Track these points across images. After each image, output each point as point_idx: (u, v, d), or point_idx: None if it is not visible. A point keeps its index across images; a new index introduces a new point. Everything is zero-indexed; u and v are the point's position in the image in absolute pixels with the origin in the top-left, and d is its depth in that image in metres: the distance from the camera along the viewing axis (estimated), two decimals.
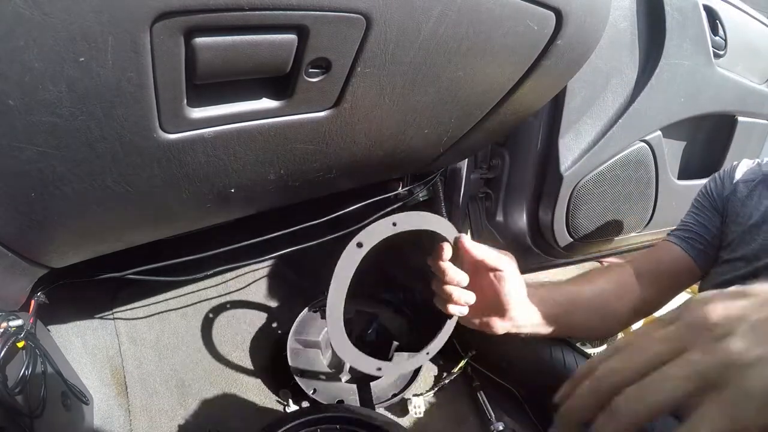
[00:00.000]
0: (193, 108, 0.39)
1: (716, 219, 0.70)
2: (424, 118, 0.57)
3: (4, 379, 0.50)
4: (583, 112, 0.89)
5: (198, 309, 0.97)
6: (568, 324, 0.67)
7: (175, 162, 0.42)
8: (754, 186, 0.67)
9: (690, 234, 0.71)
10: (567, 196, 0.94)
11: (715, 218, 0.70)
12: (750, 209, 0.65)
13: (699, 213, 0.73)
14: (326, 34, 0.38)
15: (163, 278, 0.73)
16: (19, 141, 0.32)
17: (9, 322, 0.52)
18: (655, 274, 0.71)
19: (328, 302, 0.50)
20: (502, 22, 0.46)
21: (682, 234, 0.72)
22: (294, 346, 0.78)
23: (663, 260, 0.72)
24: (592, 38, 0.57)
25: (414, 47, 0.43)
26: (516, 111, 0.65)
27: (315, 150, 0.53)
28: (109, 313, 0.91)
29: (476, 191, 1.03)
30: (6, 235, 0.42)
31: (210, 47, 0.34)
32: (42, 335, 0.66)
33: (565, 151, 0.91)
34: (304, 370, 0.76)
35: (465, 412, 0.83)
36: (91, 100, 0.32)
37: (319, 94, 0.44)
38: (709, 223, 0.70)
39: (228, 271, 1.05)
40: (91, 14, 0.28)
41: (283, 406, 0.78)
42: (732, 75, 1.04)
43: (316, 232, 0.81)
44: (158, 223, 0.56)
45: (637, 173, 1.01)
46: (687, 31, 0.91)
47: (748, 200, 0.66)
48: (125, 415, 0.74)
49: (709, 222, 0.71)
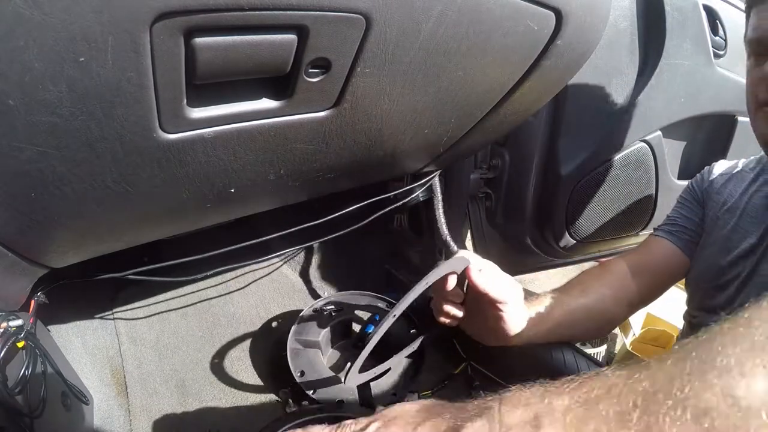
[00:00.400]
0: (193, 108, 0.39)
1: (699, 210, 0.75)
2: (424, 118, 0.57)
3: (4, 379, 0.50)
4: (583, 112, 0.90)
5: (198, 309, 0.97)
6: (568, 336, 0.72)
7: (175, 162, 0.42)
8: (729, 177, 0.73)
9: (676, 227, 0.75)
10: (567, 196, 0.94)
11: (698, 209, 0.75)
12: (724, 196, 0.71)
13: (683, 207, 0.77)
14: (326, 34, 0.38)
15: (163, 278, 0.73)
16: (19, 141, 0.32)
17: (9, 322, 0.52)
18: (648, 268, 0.73)
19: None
20: (502, 22, 0.46)
21: (668, 228, 0.76)
22: (294, 346, 0.78)
23: (654, 254, 0.74)
24: (592, 38, 0.57)
25: (414, 47, 0.43)
26: (516, 111, 0.65)
27: (315, 150, 0.53)
28: (109, 313, 0.90)
29: (476, 191, 1.03)
30: (6, 235, 0.42)
31: (210, 47, 0.34)
32: (42, 335, 0.66)
33: (565, 151, 0.91)
34: (304, 370, 0.75)
35: None
36: (91, 100, 0.32)
37: (319, 94, 0.44)
38: (693, 215, 0.75)
39: (228, 271, 1.05)
40: (91, 14, 0.28)
41: (283, 406, 0.78)
42: (732, 75, 1.04)
43: (316, 232, 0.81)
44: (158, 223, 0.56)
45: (637, 173, 1.01)
46: (687, 31, 0.91)
47: (723, 188, 0.72)
48: (125, 415, 0.74)
49: (693, 213, 0.75)
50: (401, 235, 1.10)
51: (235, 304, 1.00)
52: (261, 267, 1.10)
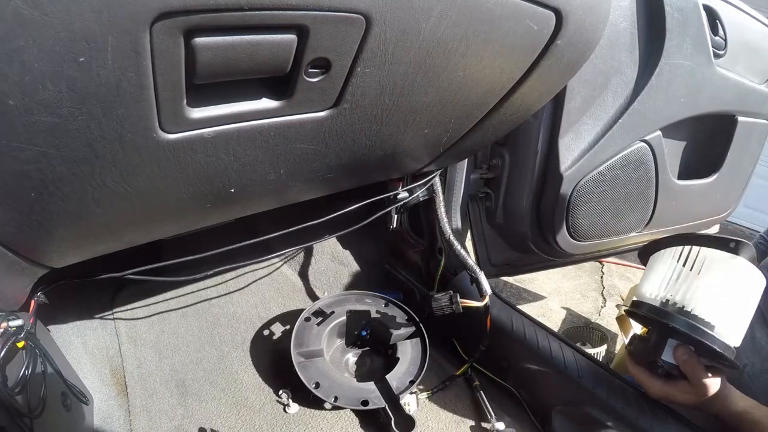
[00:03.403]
0: (193, 108, 0.39)
1: None
2: (424, 118, 0.57)
3: (4, 379, 0.50)
4: (583, 112, 0.89)
5: (198, 309, 0.97)
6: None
7: (175, 162, 0.42)
8: None
9: None
10: (567, 196, 0.94)
11: None
12: None
13: None
14: (326, 34, 0.38)
15: (163, 278, 0.73)
16: (19, 141, 0.32)
17: (9, 322, 0.52)
18: None
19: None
20: (502, 22, 0.46)
21: None
22: (299, 360, 0.79)
23: None
24: (592, 38, 0.57)
25: (414, 47, 0.43)
26: (516, 111, 0.65)
27: (315, 150, 0.53)
28: (109, 313, 0.91)
29: (476, 191, 1.03)
30: (6, 234, 0.42)
31: (210, 47, 0.34)
32: (42, 335, 0.66)
33: (565, 151, 0.91)
34: (318, 381, 0.76)
35: (465, 412, 0.82)
36: (91, 99, 0.32)
37: (319, 94, 0.44)
38: None
39: (228, 271, 1.05)
40: (91, 14, 0.28)
41: (283, 406, 0.78)
42: (732, 75, 1.04)
43: (316, 232, 0.81)
44: (158, 223, 0.56)
45: (637, 173, 1.01)
46: (687, 31, 0.91)
47: None
48: (125, 415, 0.74)
49: None
50: (401, 235, 1.10)
51: (235, 304, 1.00)
52: (261, 267, 1.10)
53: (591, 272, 2.49)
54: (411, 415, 0.73)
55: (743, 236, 0.85)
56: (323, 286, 1.11)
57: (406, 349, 0.86)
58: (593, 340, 1.85)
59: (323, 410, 0.78)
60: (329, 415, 0.77)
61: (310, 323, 0.86)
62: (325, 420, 0.76)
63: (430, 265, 1.03)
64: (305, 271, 1.13)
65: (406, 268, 1.11)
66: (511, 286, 2.21)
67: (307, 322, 0.86)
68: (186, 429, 0.73)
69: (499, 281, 2.19)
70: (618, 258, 2.58)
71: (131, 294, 0.94)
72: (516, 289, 2.20)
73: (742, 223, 3.73)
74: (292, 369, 0.77)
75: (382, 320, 0.89)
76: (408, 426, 0.72)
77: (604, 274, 2.50)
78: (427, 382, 0.87)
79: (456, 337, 0.96)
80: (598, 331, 1.89)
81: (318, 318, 0.87)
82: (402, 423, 0.72)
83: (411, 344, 0.86)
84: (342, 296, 0.95)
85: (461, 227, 1.00)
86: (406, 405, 0.76)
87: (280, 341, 0.93)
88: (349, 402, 0.74)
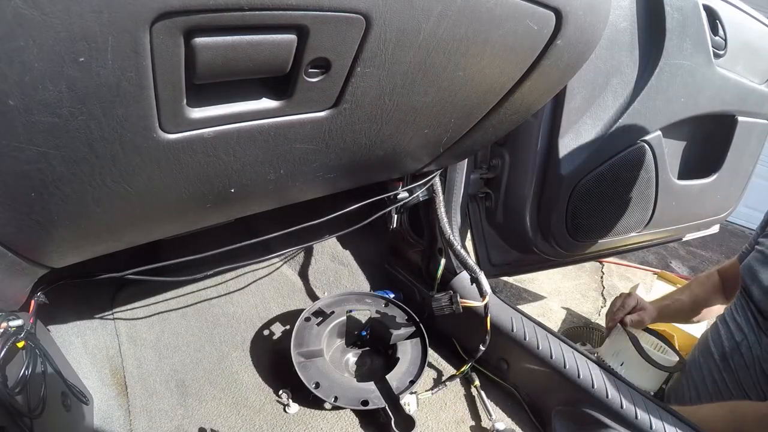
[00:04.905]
0: (192, 108, 0.39)
1: None
2: (424, 118, 0.57)
3: (4, 379, 0.49)
4: (583, 112, 0.89)
5: (198, 309, 0.97)
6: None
7: (175, 162, 0.42)
8: None
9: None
10: (567, 196, 0.94)
11: None
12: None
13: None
14: (326, 34, 0.38)
15: (163, 278, 0.73)
16: (19, 141, 0.32)
17: (9, 322, 0.52)
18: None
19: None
20: (502, 22, 0.46)
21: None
22: (299, 361, 0.79)
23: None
24: (592, 38, 0.57)
25: (414, 47, 0.43)
26: (516, 111, 0.65)
27: (315, 150, 0.52)
28: (109, 313, 0.91)
29: (476, 191, 1.03)
30: (6, 235, 0.42)
31: (210, 47, 0.34)
32: (42, 335, 0.66)
33: (565, 151, 0.91)
34: (318, 381, 0.76)
35: (465, 412, 0.82)
36: (91, 99, 0.32)
37: (319, 94, 0.44)
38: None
39: (228, 271, 1.05)
40: (91, 14, 0.28)
41: (283, 406, 0.78)
42: (732, 75, 1.04)
43: (316, 232, 0.81)
44: (158, 223, 0.56)
45: (637, 173, 1.01)
46: (687, 31, 0.91)
47: None
48: (125, 415, 0.74)
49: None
50: (401, 235, 1.10)
51: (235, 304, 1.00)
52: (261, 267, 1.10)
53: (591, 272, 2.49)
54: (411, 415, 0.73)
55: (743, 236, 0.86)
56: (323, 286, 1.11)
57: (406, 349, 0.86)
58: (593, 340, 1.85)
59: (323, 410, 0.78)
60: (329, 415, 0.77)
61: (310, 323, 0.86)
62: (325, 420, 0.77)
63: (430, 265, 1.03)
64: (305, 271, 1.13)
65: (406, 268, 1.11)
66: (511, 286, 2.21)
67: (307, 322, 0.86)
68: (186, 429, 0.73)
69: (499, 281, 2.19)
70: (618, 258, 2.59)
71: (131, 294, 0.94)
72: (516, 289, 2.20)
73: (742, 223, 3.73)
74: (292, 369, 0.77)
75: (382, 320, 0.89)
76: (408, 426, 0.72)
77: (604, 274, 2.50)
78: (427, 382, 0.87)
79: (456, 337, 0.96)
80: (598, 331, 1.89)
81: (318, 318, 0.88)
82: (402, 423, 0.72)
83: (411, 344, 0.86)
84: (342, 296, 0.95)
85: (461, 227, 1.00)
86: (406, 405, 0.76)
87: (280, 341, 0.93)
88: (349, 402, 0.74)
